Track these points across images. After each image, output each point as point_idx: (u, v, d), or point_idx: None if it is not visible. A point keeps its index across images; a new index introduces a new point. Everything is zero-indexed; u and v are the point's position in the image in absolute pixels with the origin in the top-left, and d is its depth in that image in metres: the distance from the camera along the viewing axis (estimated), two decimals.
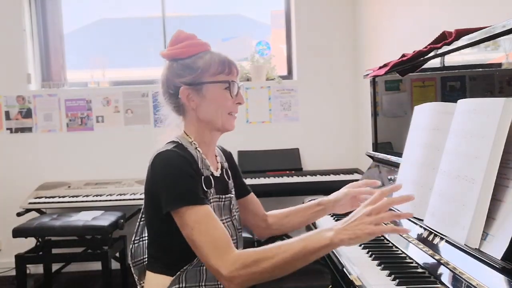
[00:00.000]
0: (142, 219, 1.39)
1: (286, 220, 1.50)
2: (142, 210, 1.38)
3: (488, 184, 1.03)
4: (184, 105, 1.30)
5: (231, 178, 1.41)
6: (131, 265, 1.37)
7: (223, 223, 1.27)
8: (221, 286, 1.27)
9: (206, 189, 1.24)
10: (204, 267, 1.23)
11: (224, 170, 1.38)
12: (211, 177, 1.28)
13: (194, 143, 1.29)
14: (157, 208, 1.20)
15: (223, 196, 1.30)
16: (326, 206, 1.48)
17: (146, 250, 1.37)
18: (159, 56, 1.40)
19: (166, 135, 1.33)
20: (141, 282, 1.36)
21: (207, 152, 1.32)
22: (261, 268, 1.08)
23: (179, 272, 1.22)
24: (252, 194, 1.50)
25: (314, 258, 1.12)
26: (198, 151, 1.28)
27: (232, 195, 1.35)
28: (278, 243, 1.12)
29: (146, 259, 1.36)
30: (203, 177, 1.24)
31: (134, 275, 1.37)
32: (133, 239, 1.39)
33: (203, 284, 1.24)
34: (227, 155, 1.47)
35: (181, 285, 1.22)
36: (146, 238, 1.38)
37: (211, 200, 1.25)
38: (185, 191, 1.16)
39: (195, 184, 1.19)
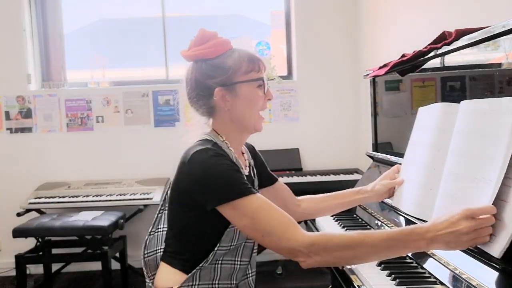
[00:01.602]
0: (161, 212, 1.39)
1: (322, 205, 1.53)
2: (161, 203, 1.39)
3: (495, 185, 1.02)
4: (216, 106, 1.27)
5: (256, 175, 1.41)
6: (142, 256, 1.35)
7: None
8: (233, 285, 1.27)
9: None
10: (219, 265, 1.24)
11: (251, 167, 1.39)
12: (244, 176, 1.27)
13: (226, 142, 1.28)
14: (188, 205, 1.20)
15: None
16: (366, 196, 1.51)
17: (160, 241, 1.35)
18: (159, 56, 1.37)
19: (193, 135, 1.30)
20: (150, 274, 1.34)
21: (237, 151, 1.32)
22: (342, 254, 1.08)
23: (194, 270, 1.22)
24: (279, 181, 1.51)
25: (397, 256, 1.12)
26: (231, 150, 1.28)
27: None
28: (363, 234, 1.09)
29: (159, 250, 1.35)
30: None
31: (143, 267, 1.34)
32: (149, 230, 1.37)
33: (216, 282, 1.24)
34: (250, 149, 1.47)
35: (194, 283, 1.22)
36: (162, 229, 1.37)
37: None
38: (236, 184, 1.14)
39: (242, 176, 1.18)
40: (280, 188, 1.51)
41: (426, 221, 1.29)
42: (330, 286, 2.17)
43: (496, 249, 0.98)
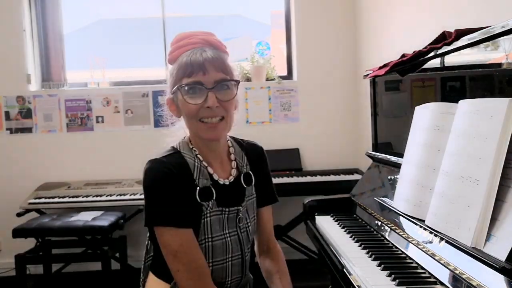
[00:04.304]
0: None
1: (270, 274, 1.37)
2: None
3: (492, 185, 1.03)
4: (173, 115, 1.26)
5: (253, 182, 1.29)
6: (143, 261, 1.32)
7: (225, 238, 1.20)
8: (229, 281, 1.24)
9: (201, 202, 1.16)
10: (211, 268, 1.21)
11: (242, 174, 1.27)
12: (212, 187, 1.19)
13: (194, 150, 1.22)
14: None
15: (227, 209, 1.20)
16: None
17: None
18: (159, 56, 1.35)
19: (172, 138, 1.28)
20: (146, 280, 1.33)
21: (211, 158, 1.23)
22: None
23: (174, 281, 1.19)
24: (266, 208, 1.36)
25: None
26: (199, 158, 1.21)
27: (240, 207, 1.24)
28: None
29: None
30: (198, 188, 1.17)
31: (142, 272, 1.32)
32: (148, 234, 1.31)
33: None
34: (254, 154, 1.33)
35: None
36: None
37: (208, 214, 1.17)
38: (165, 210, 1.12)
39: (176, 202, 1.13)
40: (261, 217, 1.35)
41: (424, 220, 1.30)
42: (330, 286, 2.17)
43: (500, 250, 0.97)
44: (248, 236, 1.27)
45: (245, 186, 1.27)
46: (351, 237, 1.63)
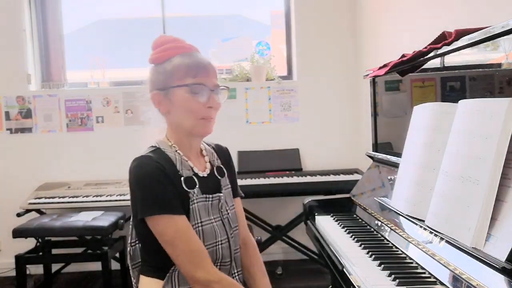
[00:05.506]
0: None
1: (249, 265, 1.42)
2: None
3: (492, 185, 1.03)
4: (159, 110, 1.31)
5: (225, 175, 1.39)
6: (130, 267, 1.35)
7: (212, 223, 1.27)
8: None
9: (187, 189, 1.24)
10: None
11: (215, 168, 1.37)
12: (194, 177, 1.27)
13: (174, 146, 1.29)
14: (135, 211, 1.23)
15: (210, 196, 1.29)
16: None
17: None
18: None
19: (151, 137, 1.35)
20: (138, 285, 1.34)
21: (190, 154, 1.31)
22: None
23: (168, 274, 1.23)
24: (237, 200, 1.43)
25: None
26: (179, 153, 1.28)
27: (221, 194, 1.33)
28: None
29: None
30: (182, 178, 1.24)
31: (132, 278, 1.35)
32: (129, 241, 1.36)
33: None
34: (222, 152, 1.44)
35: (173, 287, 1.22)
36: None
37: (195, 201, 1.24)
38: (158, 199, 1.18)
39: (168, 192, 1.20)
40: (236, 205, 1.41)
41: (424, 220, 1.30)
42: (330, 286, 2.17)
43: (500, 250, 0.98)
44: (229, 222, 1.33)
45: (219, 178, 1.36)
46: (351, 237, 1.63)
